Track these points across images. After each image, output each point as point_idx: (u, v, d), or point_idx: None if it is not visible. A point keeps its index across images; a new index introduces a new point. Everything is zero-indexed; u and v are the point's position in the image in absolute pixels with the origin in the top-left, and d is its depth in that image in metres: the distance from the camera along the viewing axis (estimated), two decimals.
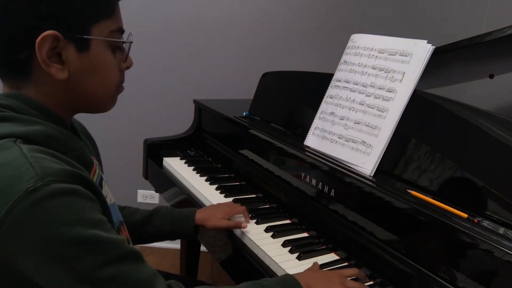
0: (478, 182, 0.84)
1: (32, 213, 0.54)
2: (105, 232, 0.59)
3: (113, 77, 0.73)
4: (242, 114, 1.51)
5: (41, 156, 0.59)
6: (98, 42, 0.68)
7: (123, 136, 2.18)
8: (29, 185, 0.54)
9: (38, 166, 0.56)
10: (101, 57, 0.69)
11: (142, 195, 2.30)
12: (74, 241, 0.55)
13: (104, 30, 0.68)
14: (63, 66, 0.65)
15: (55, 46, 0.64)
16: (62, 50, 0.65)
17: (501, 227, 0.76)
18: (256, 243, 1.00)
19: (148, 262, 0.66)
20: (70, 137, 0.68)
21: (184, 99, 1.92)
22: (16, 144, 0.59)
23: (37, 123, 0.63)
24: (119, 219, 0.81)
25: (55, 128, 0.65)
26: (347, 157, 1.06)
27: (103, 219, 0.61)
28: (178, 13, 2.08)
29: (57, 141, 0.64)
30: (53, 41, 0.63)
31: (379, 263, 0.90)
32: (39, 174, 0.55)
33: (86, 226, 0.57)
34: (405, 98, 0.99)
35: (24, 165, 0.56)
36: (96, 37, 0.67)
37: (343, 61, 1.18)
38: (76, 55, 0.66)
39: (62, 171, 0.58)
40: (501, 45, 1.16)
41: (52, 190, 0.55)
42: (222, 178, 1.41)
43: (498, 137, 0.84)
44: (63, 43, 0.64)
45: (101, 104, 0.74)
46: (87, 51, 0.67)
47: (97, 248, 0.57)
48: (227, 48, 2.14)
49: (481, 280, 0.73)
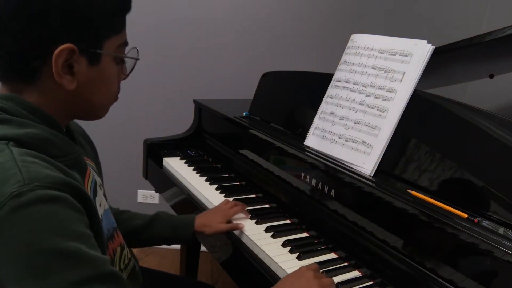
0: (478, 182, 0.84)
1: (13, 217, 0.53)
2: (87, 247, 0.57)
3: (114, 89, 0.75)
4: (242, 114, 1.51)
5: (31, 160, 0.58)
6: (107, 56, 0.70)
7: (123, 136, 2.18)
8: (14, 189, 0.53)
9: (26, 171, 0.55)
10: (108, 70, 0.71)
11: (142, 195, 2.30)
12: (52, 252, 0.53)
13: (113, 45, 0.70)
14: (73, 78, 0.67)
15: (69, 58, 0.65)
16: (74, 63, 0.66)
17: (501, 227, 0.76)
18: (256, 243, 1.00)
19: (148, 262, 0.65)
20: (65, 141, 0.68)
21: (184, 99, 1.92)
22: (8, 147, 0.59)
23: (32, 126, 0.63)
24: (112, 226, 0.80)
25: (50, 131, 0.65)
26: (347, 157, 1.06)
27: (87, 233, 0.59)
28: (178, 13, 2.08)
29: (50, 145, 0.64)
30: (69, 53, 0.64)
31: (379, 263, 0.90)
32: (26, 179, 0.54)
33: (67, 238, 0.55)
34: (405, 98, 0.99)
35: (12, 168, 0.56)
36: (108, 51, 0.69)
37: (343, 61, 1.18)
38: (86, 67, 0.68)
39: (50, 177, 0.57)
40: (501, 45, 1.16)
41: (37, 196, 0.54)
42: (222, 178, 1.41)
43: (498, 137, 0.84)
44: (77, 56, 0.65)
45: (97, 112, 0.76)
46: (97, 65, 0.69)
47: (75, 264, 0.54)
48: (227, 48, 2.14)
49: (481, 280, 0.73)
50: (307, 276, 0.79)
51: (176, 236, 1.08)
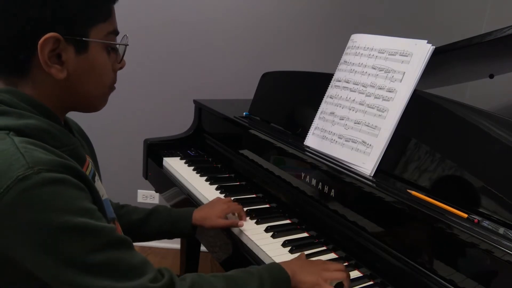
0: (478, 182, 0.84)
1: (22, 200, 0.55)
2: (95, 220, 0.61)
3: (107, 78, 0.75)
4: (242, 114, 1.51)
5: (32, 147, 0.60)
6: (95, 44, 0.70)
7: (123, 136, 2.18)
8: (19, 173, 0.56)
9: (29, 156, 0.58)
10: (97, 58, 0.72)
11: (142, 195, 2.30)
12: (62, 228, 0.57)
13: (101, 33, 0.71)
14: (62, 67, 0.68)
15: (55, 48, 0.66)
16: (62, 52, 0.67)
17: (501, 227, 0.76)
18: (256, 243, 1.00)
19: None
20: (63, 132, 0.70)
21: (184, 99, 1.92)
22: (9, 136, 0.61)
23: (31, 117, 0.65)
24: (111, 216, 0.81)
25: (48, 123, 0.67)
26: (347, 157, 1.06)
27: (93, 207, 0.63)
28: (178, 13, 2.08)
29: (49, 135, 0.66)
30: (54, 43, 0.65)
31: (379, 263, 0.90)
32: (30, 163, 0.57)
33: (75, 214, 0.58)
34: (405, 98, 0.99)
35: (15, 154, 0.58)
36: (94, 39, 0.70)
37: (343, 61, 1.18)
38: (75, 56, 0.68)
39: (52, 161, 0.59)
40: (501, 45, 1.16)
41: (42, 179, 0.56)
42: (222, 178, 1.41)
43: (498, 137, 0.84)
44: (64, 45, 0.66)
45: (93, 103, 0.76)
46: (85, 52, 0.69)
47: (86, 235, 0.59)
48: (227, 48, 2.14)
49: (481, 280, 0.73)
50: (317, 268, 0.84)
51: (175, 230, 1.08)
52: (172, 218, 1.08)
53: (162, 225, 1.07)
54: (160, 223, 1.07)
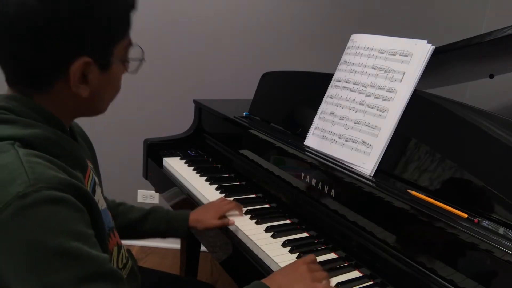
0: (478, 182, 0.84)
1: (19, 217, 0.54)
2: (89, 247, 0.58)
3: (119, 87, 0.76)
4: (242, 114, 1.51)
5: (36, 160, 0.59)
6: (116, 61, 0.71)
7: (123, 136, 2.18)
8: (20, 189, 0.55)
9: (32, 172, 0.57)
10: (116, 72, 0.72)
11: (142, 195, 2.30)
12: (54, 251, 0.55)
13: (122, 48, 0.71)
14: (87, 85, 0.68)
15: (84, 70, 0.66)
16: (88, 72, 0.67)
17: (501, 227, 0.76)
18: (256, 243, 1.00)
19: (148, 262, 0.66)
20: (68, 141, 0.69)
21: (184, 99, 1.92)
22: (14, 147, 0.60)
23: (37, 127, 0.64)
24: (109, 225, 0.80)
25: (54, 131, 0.66)
26: (347, 157, 1.06)
27: (88, 233, 0.61)
28: (178, 13, 2.08)
29: (54, 145, 0.65)
30: (85, 65, 0.65)
31: (379, 263, 0.90)
32: (31, 180, 0.56)
33: (70, 238, 0.56)
34: (405, 98, 0.99)
35: (18, 169, 0.57)
36: (117, 56, 0.70)
37: (343, 61, 1.18)
38: (98, 74, 0.69)
39: (54, 178, 0.58)
40: (501, 45, 1.16)
41: (42, 197, 0.55)
42: (222, 178, 1.41)
43: (498, 137, 0.84)
44: (92, 66, 0.67)
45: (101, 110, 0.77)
46: (108, 70, 0.70)
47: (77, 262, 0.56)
48: (227, 48, 2.14)
49: (481, 280, 0.73)
50: (302, 270, 0.81)
51: (170, 230, 1.09)
52: (169, 219, 1.09)
53: (159, 225, 1.08)
54: (157, 223, 1.08)
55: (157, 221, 1.08)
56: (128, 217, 1.07)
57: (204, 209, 1.13)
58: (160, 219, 1.09)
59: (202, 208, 1.15)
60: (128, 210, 1.09)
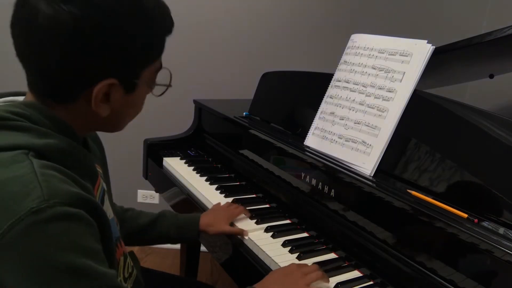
0: (478, 182, 0.84)
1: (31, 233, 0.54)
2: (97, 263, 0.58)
3: (141, 109, 0.76)
4: (242, 114, 1.51)
5: (51, 173, 0.58)
6: (142, 83, 0.69)
7: (123, 136, 2.17)
8: (34, 204, 0.54)
9: (46, 186, 0.56)
10: (141, 95, 0.72)
11: (142, 195, 2.30)
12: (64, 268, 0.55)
13: (151, 72, 0.70)
14: (108, 105, 0.67)
15: (108, 90, 0.65)
16: (111, 93, 0.66)
17: (501, 227, 0.76)
18: (256, 243, 1.00)
19: (148, 262, 0.65)
20: (81, 151, 0.68)
21: (184, 99, 1.92)
22: (28, 157, 0.59)
23: (51, 136, 0.63)
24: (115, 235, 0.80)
25: (68, 141, 0.65)
26: (347, 157, 1.06)
27: (98, 249, 0.61)
28: (178, 13, 2.07)
29: (67, 156, 0.64)
30: (109, 86, 0.64)
31: (379, 263, 0.90)
32: (45, 195, 0.55)
33: (80, 255, 0.56)
34: (405, 98, 0.99)
35: (32, 182, 0.56)
36: (145, 79, 0.69)
37: (343, 61, 1.18)
38: (122, 95, 0.67)
39: (69, 194, 0.58)
40: (501, 45, 1.16)
41: (56, 213, 0.55)
42: (222, 178, 1.41)
43: (498, 137, 0.84)
44: (116, 87, 0.65)
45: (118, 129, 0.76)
46: (133, 92, 0.69)
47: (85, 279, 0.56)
48: (227, 48, 2.13)
49: (481, 280, 0.73)
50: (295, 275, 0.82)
51: (181, 236, 1.08)
52: (179, 224, 1.07)
53: (169, 231, 1.06)
54: (167, 229, 1.06)
55: (166, 227, 1.06)
56: (137, 223, 1.05)
57: (214, 213, 1.11)
58: (169, 225, 1.07)
59: (212, 212, 1.13)
60: (137, 216, 1.07)
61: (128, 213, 1.07)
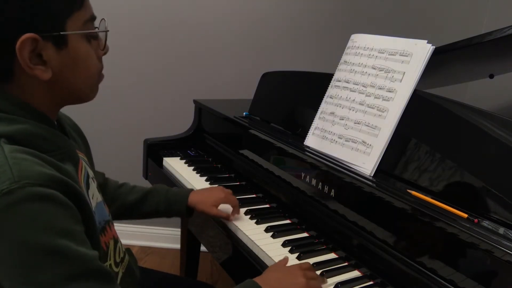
0: (478, 182, 0.84)
1: (3, 215, 0.53)
2: (77, 244, 0.58)
3: (93, 67, 0.73)
4: (242, 114, 1.51)
5: (22, 156, 0.58)
6: (74, 36, 0.67)
7: (123, 136, 2.18)
8: (4, 187, 0.54)
9: (17, 168, 0.56)
10: (79, 50, 0.68)
11: None
12: (41, 249, 0.54)
13: (78, 22, 0.67)
14: (45, 67, 0.65)
15: (34, 48, 0.62)
16: (42, 51, 0.63)
17: (501, 227, 0.76)
18: (256, 243, 1.00)
19: (148, 262, 0.65)
20: (56, 134, 0.68)
21: (184, 99, 1.92)
22: (0, 144, 0.59)
23: (22, 122, 0.63)
24: (104, 218, 0.79)
25: (40, 126, 0.65)
26: (347, 157, 1.06)
27: (77, 229, 0.60)
28: (178, 13, 2.08)
29: (41, 140, 0.64)
30: (32, 43, 0.62)
31: (379, 263, 0.90)
32: (16, 177, 0.55)
33: (56, 235, 0.56)
34: (405, 98, 0.99)
35: (3, 166, 0.56)
36: (73, 31, 0.66)
37: (343, 61, 1.18)
38: (55, 53, 0.65)
39: (40, 174, 0.57)
40: (501, 45, 1.16)
41: (27, 194, 0.54)
42: (222, 178, 1.41)
43: (498, 137, 0.84)
44: (42, 44, 0.63)
45: (84, 94, 0.74)
46: (66, 47, 0.66)
47: (65, 261, 0.56)
48: (227, 48, 2.13)
49: (481, 280, 0.73)
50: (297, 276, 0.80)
51: (169, 210, 1.09)
52: (168, 198, 1.08)
53: (158, 205, 1.08)
54: (156, 203, 1.08)
55: (155, 203, 1.07)
56: (128, 199, 1.06)
57: (206, 193, 1.12)
58: (159, 200, 1.08)
59: (205, 191, 1.14)
60: (129, 191, 1.08)
61: (121, 189, 1.08)
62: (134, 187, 1.10)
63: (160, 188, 1.11)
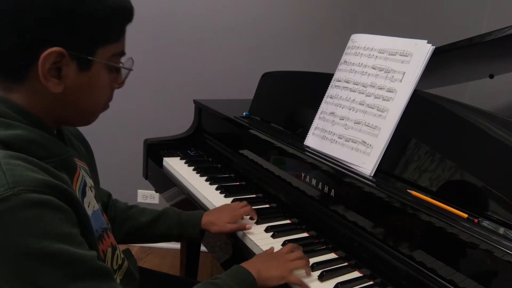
0: (478, 182, 0.84)
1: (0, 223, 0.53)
2: (75, 247, 0.58)
3: (105, 96, 0.73)
4: (242, 114, 1.51)
5: (17, 163, 0.57)
6: (99, 63, 0.68)
7: (123, 136, 2.18)
8: None
9: (11, 174, 0.55)
10: (98, 77, 0.69)
11: (142, 195, 2.30)
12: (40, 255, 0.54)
13: (108, 53, 0.69)
14: (59, 81, 0.65)
15: (57, 61, 0.63)
16: (63, 66, 0.64)
17: (501, 227, 0.76)
18: (256, 243, 1.00)
19: (148, 262, 0.66)
20: (53, 142, 0.68)
21: (184, 99, 1.92)
22: None
23: (19, 128, 0.63)
24: (101, 226, 0.79)
25: (38, 132, 0.65)
26: (347, 157, 1.06)
27: (73, 232, 0.60)
28: (178, 13, 2.08)
29: (38, 146, 0.63)
30: (57, 56, 0.63)
31: (379, 263, 0.90)
32: (10, 183, 0.54)
33: (55, 240, 0.56)
34: (405, 98, 0.99)
35: None
36: (100, 59, 0.68)
37: (343, 61, 1.18)
38: (75, 72, 0.66)
39: (35, 180, 0.56)
40: (501, 45, 1.16)
41: (22, 201, 0.54)
42: (222, 178, 1.41)
43: (498, 137, 0.84)
44: (66, 60, 0.64)
45: (84, 119, 0.74)
46: (88, 71, 0.67)
47: (64, 263, 0.56)
48: (227, 48, 2.14)
49: (481, 280, 0.73)
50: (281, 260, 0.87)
51: (183, 234, 1.06)
52: (181, 222, 1.06)
53: (171, 228, 1.05)
54: (168, 226, 1.05)
55: (168, 226, 1.05)
56: (139, 220, 1.04)
57: (218, 212, 1.09)
58: (171, 224, 1.06)
59: (217, 210, 1.11)
60: (140, 213, 1.06)
61: (131, 210, 1.06)
62: (145, 209, 1.08)
63: (172, 212, 1.08)
